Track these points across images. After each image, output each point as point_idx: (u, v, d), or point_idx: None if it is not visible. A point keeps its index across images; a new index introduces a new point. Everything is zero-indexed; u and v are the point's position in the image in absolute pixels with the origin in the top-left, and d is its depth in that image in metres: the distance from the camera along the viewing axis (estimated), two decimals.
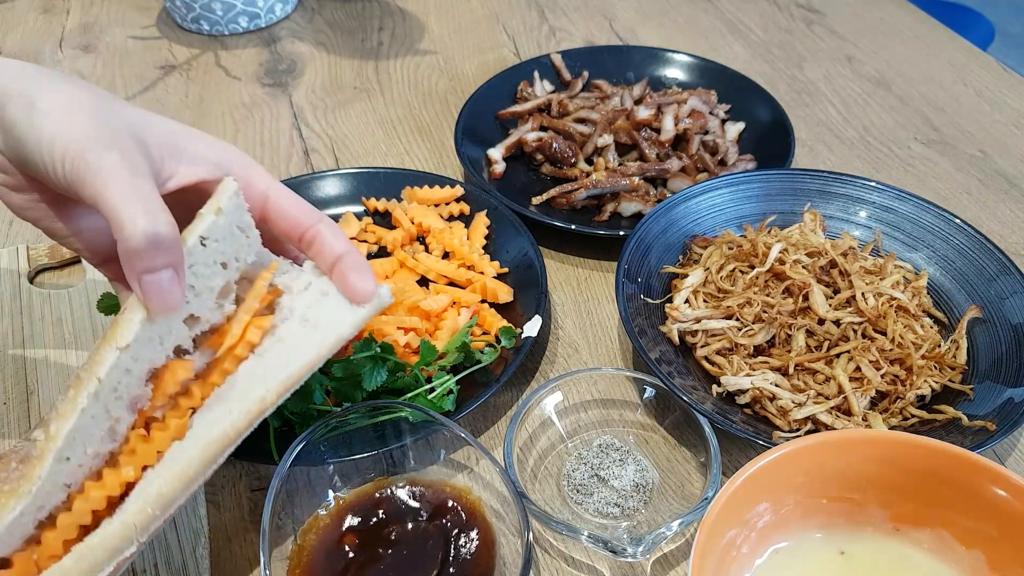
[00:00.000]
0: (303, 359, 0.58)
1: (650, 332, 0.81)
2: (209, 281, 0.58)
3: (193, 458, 0.54)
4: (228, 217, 0.58)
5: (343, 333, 0.59)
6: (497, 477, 0.65)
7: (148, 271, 0.52)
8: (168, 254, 0.53)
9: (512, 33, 1.42)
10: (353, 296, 0.60)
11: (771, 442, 0.70)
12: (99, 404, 0.53)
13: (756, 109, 1.14)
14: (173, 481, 0.53)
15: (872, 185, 0.93)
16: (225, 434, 0.55)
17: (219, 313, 0.59)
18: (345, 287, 0.60)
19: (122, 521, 0.52)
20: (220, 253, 0.58)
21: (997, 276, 0.84)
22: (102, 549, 0.51)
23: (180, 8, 1.38)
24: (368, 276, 0.60)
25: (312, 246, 0.61)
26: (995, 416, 0.72)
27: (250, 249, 0.60)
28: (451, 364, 0.80)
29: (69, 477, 0.53)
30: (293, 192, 0.62)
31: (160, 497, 0.53)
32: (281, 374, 0.57)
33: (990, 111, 1.23)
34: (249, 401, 0.56)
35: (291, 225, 0.61)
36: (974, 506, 0.60)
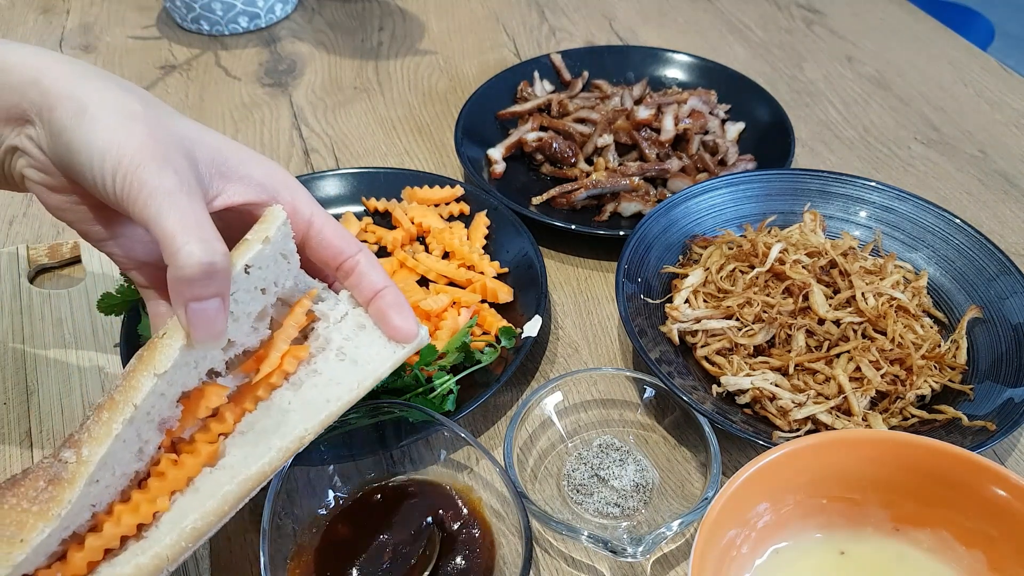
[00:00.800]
0: (342, 399, 0.58)
1: (650, 332, 0.81)
2: (248, 307, 0.58)
3: (230, 494, 0.54)
4: (274, 246, 0.57)
5: (381, 373, 0.59)
6: (497, 477, 0.65)
7: (197, 299, 0.51)
8: (219, 284, 0.52)
9: (512, 33, 1.42)
10: (395, 335, 0.60)
11: (771, 442, 0.70)
12: (132, 429, 0.52)
13: (756, 109, 1.14)
14: (208, 516, 0.53)
15: (872, 185, 0.93)
16: (263, 472, 0.55)
17: (255, 337, 0.59)
18: (386, 326, 0.60)
19: (155, 554, 0.51)
20: (262, 280, 0.58)
21: (997, 276, 0.84)
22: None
23: (180, 8, 1.38)
24: (409, 316, 0.60)
25: (351, 276, 0.61)
26: (995, 416, 0.72)
27: (289, 274, 0.60)
28: (451, 364, 0.80)
29: (96, 499, 0.52)
30: (334, 219, 0.62)
31: (195, 532, 0.53)
32: (321, 414, 0.57)
33: (990, 111, 1.23)
34: (289, 439, 0.56)
35: (332, 254, 0.61)
36: (974, 506, 0.60)
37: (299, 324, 0.60)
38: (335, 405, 0.57)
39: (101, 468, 0.51)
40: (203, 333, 0.53)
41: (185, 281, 0.50)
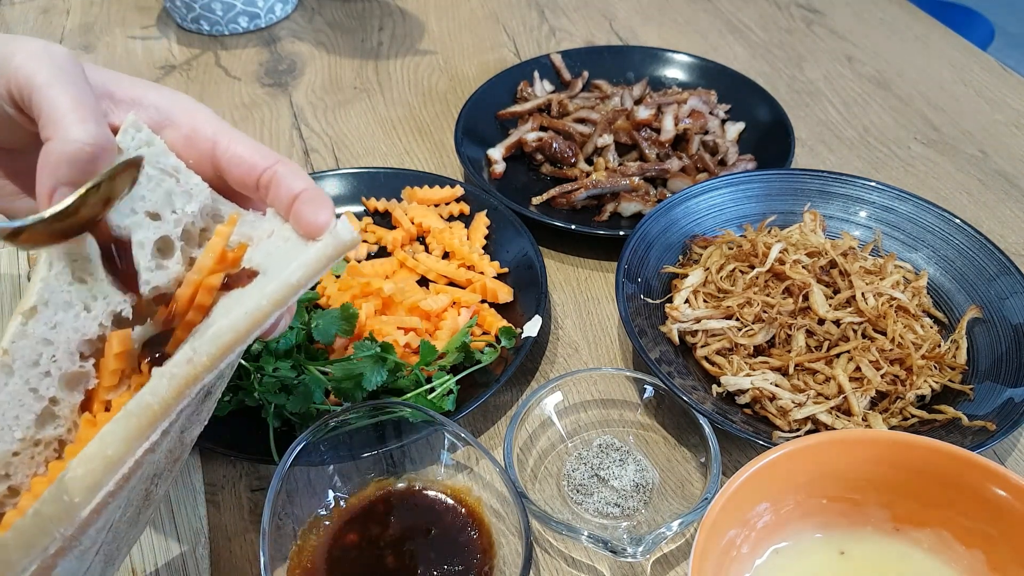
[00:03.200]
0: (241, 310, 0.48)
1: (650, 332, 0.81)
2: (134, 233, 0.50)
3: (110, 433, 0.45)
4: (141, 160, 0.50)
5: (291, 277, 0.49)
6: (497, 477, 0.65)
7: (70, 184, 0.46)
8: (92, 175, 0.47)
9: (512, 33, 1.42)
10: (308, 231, 0.51)
11: (771, 442, 0.70)
12: (14, 379, 0.47)
13: (756, 109, 1.14)
14: (89, 463, 0.44)
15: (872, 185, 0.93)
16: (147, 405, 0.45)
17: (164, 276, 0.52)
18: (299, 224, 0.52)
19: (34, 510, 0.43)
20: (139, 200, 0.50)
21: (997, 276, 0.84)
22: (15, 548, 0.43)
23: (180, 8, 1.38)
24: (323, 208, 0.51)
25: (270, 189, 0.53)
26: (995, 416, 0.72)
27: (190, 198, 0.53)
28: (451, 364, 0.80)
29: (3, 467, 0.47)
30: (245, 135, 0.55)
31: (74, 481, 0.44)
32: (213, 330, 0.47)
33: (990, 111, 1.23)
34: (174, 362, 0.46)
35: (246, 171, 0.53)
36: (974, 506, 0.60)
37: (216, 252, 0.52)
38: (231, 318, 0.48)
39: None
40: None
41: (67, 159, 0.46)
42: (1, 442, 0.46)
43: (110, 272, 0.50)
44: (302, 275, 0.49)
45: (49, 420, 0.48)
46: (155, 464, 0.51)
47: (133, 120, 0.51)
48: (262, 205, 0.56)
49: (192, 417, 0.54)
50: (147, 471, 0.50)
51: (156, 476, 0.53)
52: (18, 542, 0.43)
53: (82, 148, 0.46)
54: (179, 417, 0.47)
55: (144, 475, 0.50)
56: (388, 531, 0.64)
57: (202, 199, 0.54)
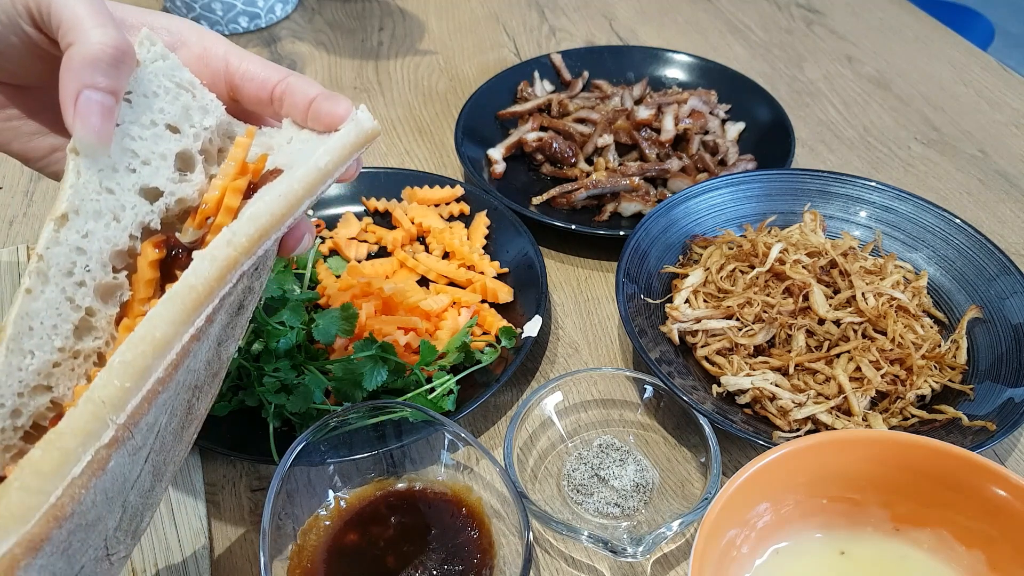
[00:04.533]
0: (272, 195, 0.50)
1: (650, 332, 0.81)
2: (155, 145, 0.52)
3: (156, 317, 0.46)
4: (153, 70, 0.52)
5: (319, 162, 0.52)
6: (497, 477, 0.65)
7: (93, 86, 0.47)
8: (119, 79, 0.48)
9: (512, 33, 1.42)
10: (329, 124, 0.54)
11: (771, 442, 0.70)
12: (51, 287, 0.47)
13: (756, 109, 1.14)
14: (137, 346, 0.45)
15: (872, 185, 0.93)
16: (191, 287, 0.46)
17: (188, 187, 0.53)
18: (320, 121, 0.54)
19: (87, 398, 0.43)
20: (158, 112, 0.52)
21: (997, 276, 0.84)
22: (71, 434, 0.43)
23: (180, 8, 1.38)
24: (341, 101, 0.54)
25: (284, 100, 0.56)
26: (995, 416, 0.72)
27: (205, 113, 0.54)
28: (451, 364, 0.80)
29: (46, 378, 0.47)
30: (254, 55, 0.57)
31: (124, 365, 0.44)
32: (250, 213, 0.49)
33: (990, 111, 1.23)
34: (216, 247, 0.48)
35: (259, 85, 0.56)
36: (974, 506, 0.60)
37: (239, 160, 0.54)
38: (264, 202, 0.50)
39: (24, 333, 0.46)
40: (88, 130, 0.47)
41: (90, 61, 0.47)
42: (41, 351, 0.46)
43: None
44: (329, 160, 0.52)
45: (87, 332, 0.49)
46: (196, 373, 0.52)
47: (147, 33, 0.52)
48: (276, 122, 0.58)
49: (227, 330, 0.54)
50: (189, 379, 0.50)
51: (197, 388, 0.54)
52: (73, 429, 0.43)
53: (103, 48, 0.47)
54: (217, 313, 0.49)
55: (186, 383, 0.50)
56: (388, 531, 0.64)
57: (218, 115, 0.55)
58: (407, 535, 0.64)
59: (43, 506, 0.41)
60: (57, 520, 0.42)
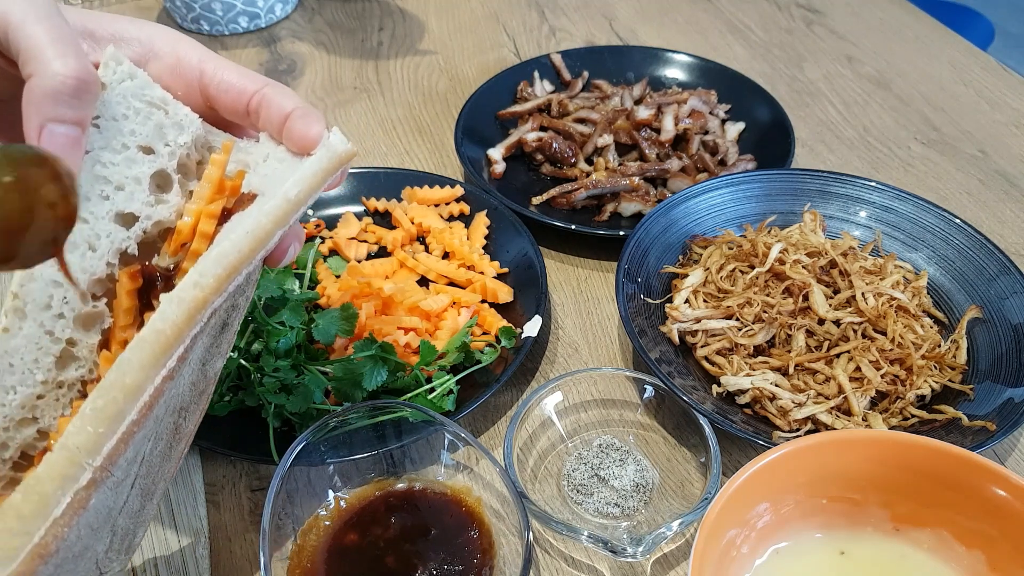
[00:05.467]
0: (241, 230, 0.48)
1: (650, 332, 0.81)
2: (127, 169, 0.50)
3: (126, 362, 0.45)
4: (121, 91, 0.50)
5: (288, 192, 0.49)
6: (497, 477, 0.65)
7: (59, 120, 0.45)
8: (84, 108, 0.47)
9: (512, 33, 1.42)
10: (301, 147, 0.51)
11: (771, 442, 0.70)
12: (29, 323, 0.47)
13: (756, 109, 1.14)
14: (108, 392, 0.45)
15: (872, 185, 0.93)
16: (157, 330, 0.46)
17: (165, 210, 0.52)
18: (292, 141, 0.52)
19: (61, 444, 0.44)
20: (129, 135, 0.50)
21: (997, 276, 0.84)
22: (48, 480, 0.44)
23: (180, 8, 1.38)
24: (315, 122, 0.52)
25: (261, 113, 0.53)
26: (995, 416, 0.72)
27: (181, 129, 0.53)
28: (451, 364, 0.80)
29: (31, 411, 0.47)
30: (231, 62, 0.54)
31: (96, 412, 0.45)
32: (215, 252, 0.48)
33: (990, 111, 1.23)
34: (183, 290, 0.47)
35: (235, 96, 0.53)
36: (974, 506, 0.60)
37: (213, 180, 0.52)
38: (232, 239, 0.48)
39: (6, 369, 0.46)
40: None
41: (51, 94, 0.45)
42: (24, 385, 0.47)
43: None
44: (300, 190, 0.50)
45: (70, 361, 0.49)
46: (180, 396, 0.51)
47: (113, 53, 0.51)
48: (254, 132, 0.56)
49: (212, 349, 0.54)
50: (172, 403, 0.50)
51: (183, 409, 0.54)
52: (50, 474, 0.44)
53: (64, 81, 0.45)
54: (195, 344, 0.48)
55: (170, 408, 0.50)
56: (388, 531, 0.64)
57: (193, 130, 0.53)
58: (407, 535, 0.64)
59: (27, 546, 0.43)
60: (42, 557, 0.43)
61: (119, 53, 0.51)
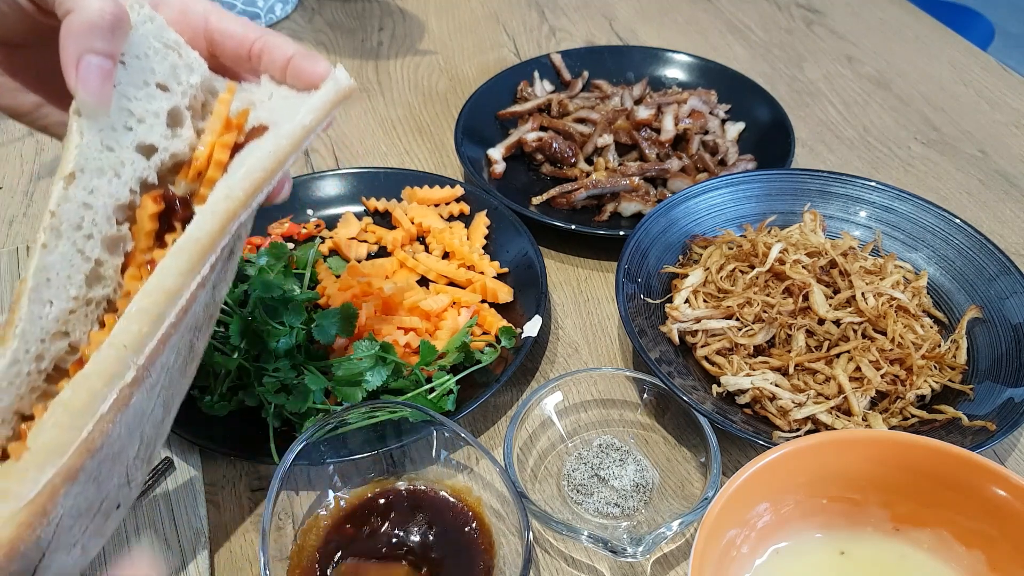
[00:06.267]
0: (262, 152, 0.54)
1: (650, 332, 0.81)
2: (148, 104, 0.55)
3: (166, 268, 0.50)
4: (143, 32, 0.55)
5: (304, 119, 0.56)
6: (497, 477, 0.65)
7: (93, 51, 0.49)
8: (116, 42, 0.51)
9: (512, 33, 1.42)
10: (308, 83, 0.57)
11: (771, 442, 0.70)
12: (64, 241, 0.50)
13: (756, 109, 1.14)
14: (151, 295, 0.50)
15: (872, 185, 0.93)
16: (196, 239, 0.51)
17: (180, 142, 0.56)
18: (299, 79, 0.57)
19: (109, 342, 0.48)
20: (149, 72, 0.55)
21: (997, 276, 0.84)
22: (96, 376, 0.48)
23: None
24: (319, 60, 0.57)
25: (263, 57, 0.58)
26: (995, 416, 0.72)
27: (191, 71, 0.57)
28: (451, 364, 0.80)
29: (63, 324, 0.50)
30: (232, 14, 0.59)
31: (140, 312, 0.49)
32: (241, 171, 0.54)
33: (990, 111, 1.23)
34: (213, 200, 0.53)
35: (237, 43, 0.58)
36: (974, 506, 0.60)
37: (223, 117, 0.57)
38: (255, 159, 0.54)
39: (43, 284, 0.49)
40: (89, 93, 0.50)
41: (87, 27, 0.49)
42: (58, 299, 0.50)
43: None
44: (312, 118, 0.56)
45: (96, 281, 0.52)
46: (196, 315, 0.56)
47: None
48: (253, 77, 0.61)
49: (221, 274, 0.58)
50: (190, 321, 0.55)
51: (197, 329, 0.59)
52: (99, 371, 0.48)
53: (102, 15, 0.49)
54: (219, 258, 0.54)
55: (189, 324, 0.55)
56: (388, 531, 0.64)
57: (201, 72, 0.58)
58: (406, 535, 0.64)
59: (76, 440, 0.46)
60: (89, 452, 0.47)
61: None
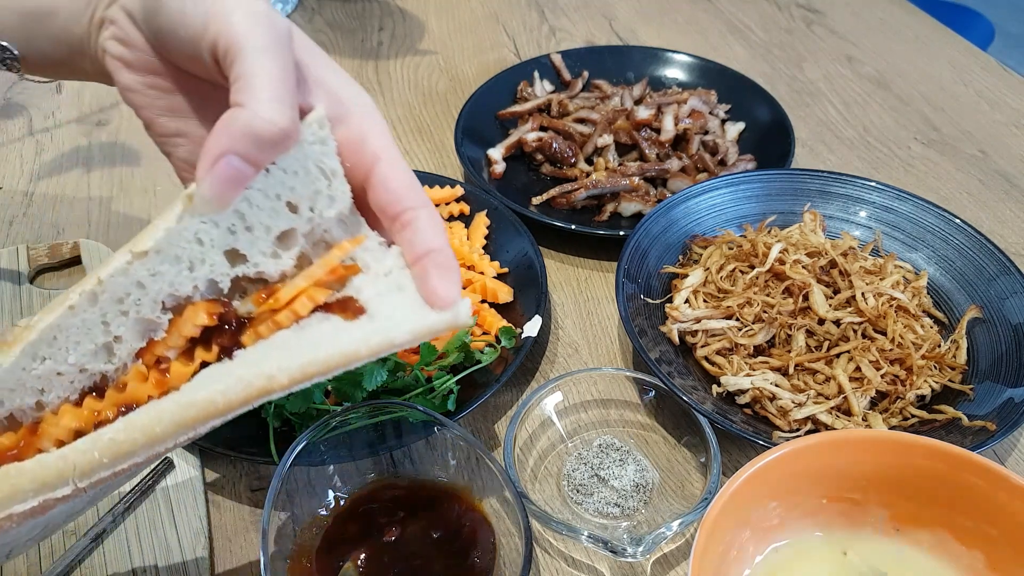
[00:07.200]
0: (336, 348, 0.47)
1: (650, 332, 0.81)
2: (266, 217, 0.50)
3: (164, 412, 0.45)
4: (306, 150, 0.50)
5: (396, 337, 0.48)
6: (497, 477, 0.65)
7: (242, 157, 0.46)
8: (270, 156, 0.47)
9: (512, 33, 1.42)
10: (429, 298, 0.49)
11: (771, 442, 0.70)
12: (94, 309, 0.47)
13: (756, 109, 1.14)
14: (132, 431, 0.45)
15: (872, 185, 0.93)
16: (211, 400, 0.45)
17: (274, 265, 0.51)
18: (424, 286, 0.50)
19: (62, 454, 0.44)
20: (288, 189, 0.50)
21: (997, 276, 0.84)
22: (30, 477, 0.44)
23: None
24: (453, 282, 0.50)
25: (405, 231, 0.52)
26: (995, 416, 0.72)
27: (332, 203, 0.52)
28: (451, 364, 0.80)
29: (43, 382, 0.47)
30: (405, 163, 0.53)
31: (112, 444, 0.45)
32: (303, 356, 0.47)
33: (990, 111, 1.23)
34: (254, 373, 0.46)
35: (391, 200, 0.52)
36: (974, 506, 0.60)
37: (331, 265, 0.51)
38: (322, 353, 0.47)
39: (47, 341, 0.46)
40: (213, 194, 0.46)
41: (251, 134, 0.45)
42: (53, 360, 0.47)
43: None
44: (407, 340, 0.48)
45: (104, 354, 0.48)
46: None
47: (320, 117, 0.50)
48: (388, 233, 0.55)
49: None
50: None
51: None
52: (34, 474, 0.44)
53: (271, 128, 0.45)
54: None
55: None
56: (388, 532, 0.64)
57: (340, 207, 0.52)
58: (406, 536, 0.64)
59: None
60: None
61: (324, 118, 0.50)
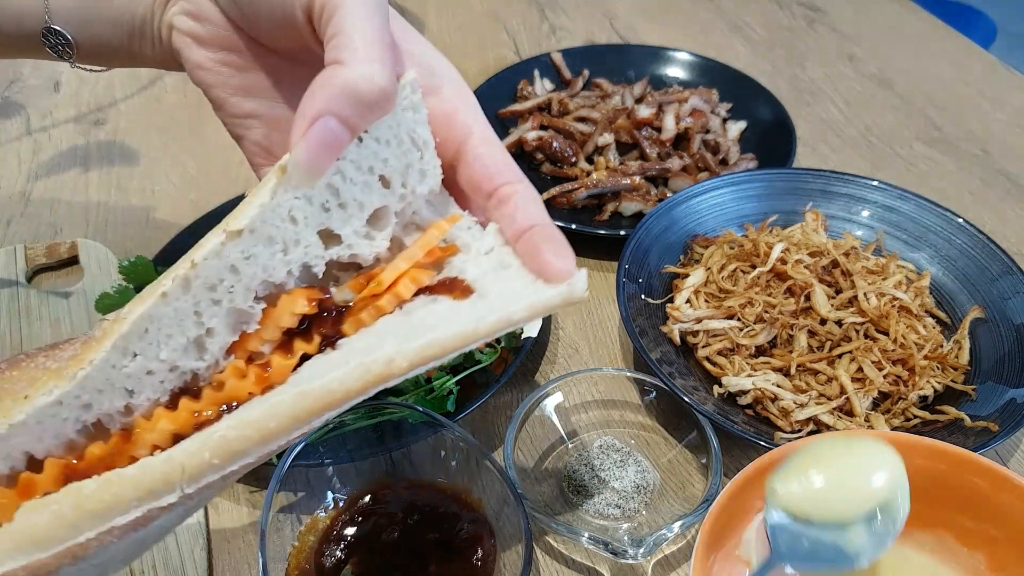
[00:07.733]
0: (453, 328, 0.44)
1: (651, 332, 0.80)
2: (358, 192, 0.47)
3: (279, 405, 0.42)
4: (399, 117, 0.47)
5: (513, 314, 0.45)
6: (497, 478, 0.65)
7: (340, 118, 0.43)
8: (367, 119, 0.45)
9: (512, 32, 1.41)
10: (543, 272, 0.47)
11: (773, 443, 0.70)
12: (187, 296, 0.43)
13: (758, 108, 1.13)
14: (244, 428, 0.41)
15: (874, 185, 0.93)
16: (328, 390, 0.42)
17: (368, 247, 0.48)
18: (534, 261, 0.47)
19: (168, 457, 0.40)
20: (380, 160, 0.47)
21: (1000, 276, 0.83)
22: (134, 484, 0.40)
23: None
24: (566, 255, 0.47)
25: (503, 207, 0.49)
26: (997, 417, 0.72)
27: (423, 178, 0.49)
28: (451, 365, 0.80)
29: (133, 382, 0.43)
30: (498, 138, 0.51)
31: (223, 443, 0.40)
32: (421, 338, 0.44)
33: (992, 110, 1.22)
34: (372, 358, 0.43)
35: (485, 175, 0.50)
36: (976, 507, 0.59)
37: (429, 246, 0.49)
38: (441, 333, 0.44)
39: (139, 334, 0.42)
40: (309, 157, 0.43)
41: (350, 93, 0.43)
42: (144, 357, 0.43)
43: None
44: (525, 316, 0.45)
45: (195, 350, 0.45)
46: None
47: (412, 80, 0.48)
48: (480, 212, 0.53)
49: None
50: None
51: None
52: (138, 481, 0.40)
53: (370, 87, 0.43)
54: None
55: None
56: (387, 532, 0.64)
57: (432, 183, 0.50)
58: (406, 536, 0.64)
59: (68, 541, 0.39)
60: (74, 558, 0.39)
61: (416, 82, 0.48)
